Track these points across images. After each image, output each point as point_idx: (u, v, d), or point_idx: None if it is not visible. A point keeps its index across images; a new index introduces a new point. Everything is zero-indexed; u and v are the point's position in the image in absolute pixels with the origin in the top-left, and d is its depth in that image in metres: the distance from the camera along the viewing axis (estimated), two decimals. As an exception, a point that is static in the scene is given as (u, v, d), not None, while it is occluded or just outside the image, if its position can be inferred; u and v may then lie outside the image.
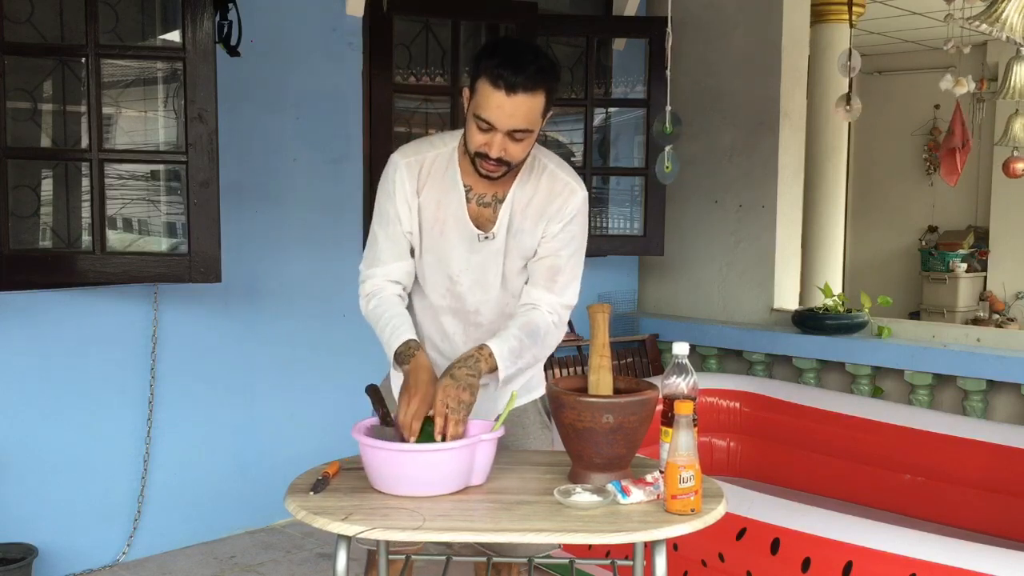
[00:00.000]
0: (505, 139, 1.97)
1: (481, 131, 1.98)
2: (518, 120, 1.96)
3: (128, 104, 3.81)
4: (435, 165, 2.13)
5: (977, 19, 2.66)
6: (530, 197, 2.13)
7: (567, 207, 2.14)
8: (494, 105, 1.94)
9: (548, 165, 2.17)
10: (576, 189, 2.16)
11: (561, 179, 2.16)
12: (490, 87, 1.94)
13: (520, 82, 1.92)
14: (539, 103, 1.98)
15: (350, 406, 3.76)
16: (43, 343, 3.45)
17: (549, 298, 2.14)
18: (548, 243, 2.14)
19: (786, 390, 4.31)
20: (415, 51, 4.59)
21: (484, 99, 1.95)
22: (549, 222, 2.13)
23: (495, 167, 2.01)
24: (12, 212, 3.32)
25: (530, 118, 1.97)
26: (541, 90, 1.96)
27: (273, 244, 4.00)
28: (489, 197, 2.13)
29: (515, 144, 1.99)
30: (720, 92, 5.12)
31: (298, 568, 3.66)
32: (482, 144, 1.99)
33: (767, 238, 5.02)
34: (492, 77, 1.93)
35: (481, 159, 2.01)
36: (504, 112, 1.94)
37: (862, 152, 9.59)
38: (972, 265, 8.90)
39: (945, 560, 2.37)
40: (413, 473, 1.82)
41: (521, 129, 1.97)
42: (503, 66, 1.92)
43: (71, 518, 3.53)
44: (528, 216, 2.13)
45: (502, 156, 1.99)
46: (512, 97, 1.93)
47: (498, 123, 1.95)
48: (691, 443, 1.74)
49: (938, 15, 5.89)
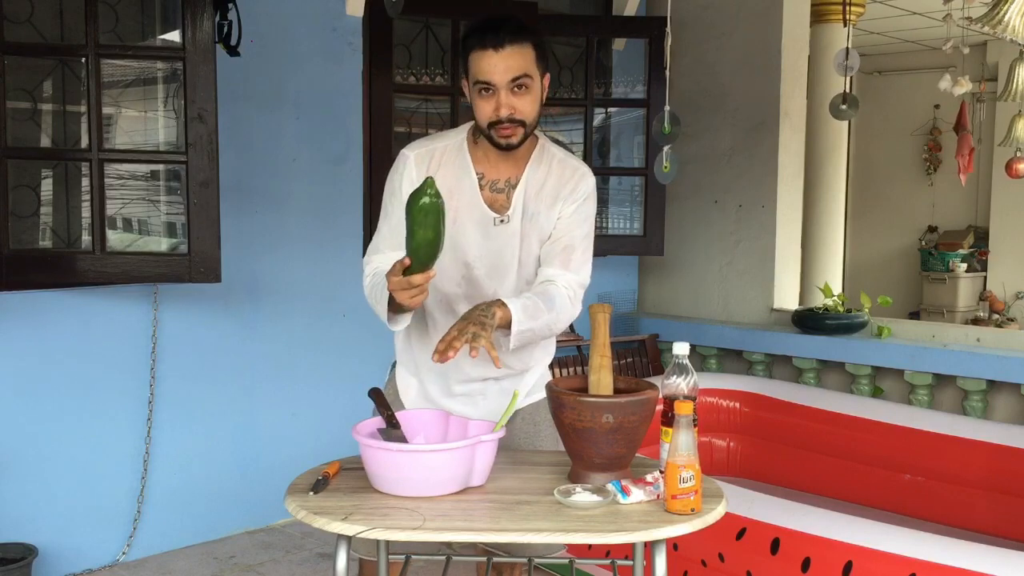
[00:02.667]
0: (509, 96, 2.02)
1: (484, 98, 2.04)
2: (513, 70, 2.02)
3: (128, 104, 3.81)
4: (446, 155, 2.15)
5: (979, 21, 2.67)
6: (543, 181, 2.16)
7: (579, 188, 2.18)
8: (487, 66, 2.02)
9: (557, 153, 2.22)
10: (585, 173, 2.21)
11: (571, 164, 2.21)
12: (479, 52, 2.03)
13: (503, 37, 2.01)
14: (529, 53, 2.04)
15: (350, 406, 3.77)
16: (43, 343, 3.45)
17: (565, 275, 2.16)
18: (562, 224, 2.18)
19: (786, 390, 4.31)
20: (415, 51, 4.59)
21: (477, 65, 2.03)
22: (564, 203, 2.17)
23: (510, 130, 2.05)
24: (12, 212, 3.32)
25: (524, 66, 2.03)
26: (527, 42, 2.04)
27: (273, 244, 4.00)
28: (502, 183, 2.15)
29: (520, 98, 2.04)
30: (720, 92, 5.12)
31: (298, 568, 3.66)
32: (490, 111, 2.04)
33: (767, 238, 5.02)
34: (479, 43, 2.03)
35: (495, 128, 2.05)
36: (498, 68, 2.01)
37: (862, 152, 9.59)
38: (972, 265, 8.90)
39: (945, 560, 2.37)
40: (413, 474, 1.82)
41: (519, 77, 2.02)
42: (483, 31, 2.03)
43: (71, 518, 3.53)
44: (543, 199, 2.16)
45: (512, 114, 2.03)
46: (500, 51, 2.01)
47: (496, 79, 2.02)
48: (691, 443, 1.74)
49: (938, 15, 5.89)
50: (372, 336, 4.32)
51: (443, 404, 2.23)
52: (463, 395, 2.24)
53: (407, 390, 2.30)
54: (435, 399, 2.25)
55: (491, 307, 1.99)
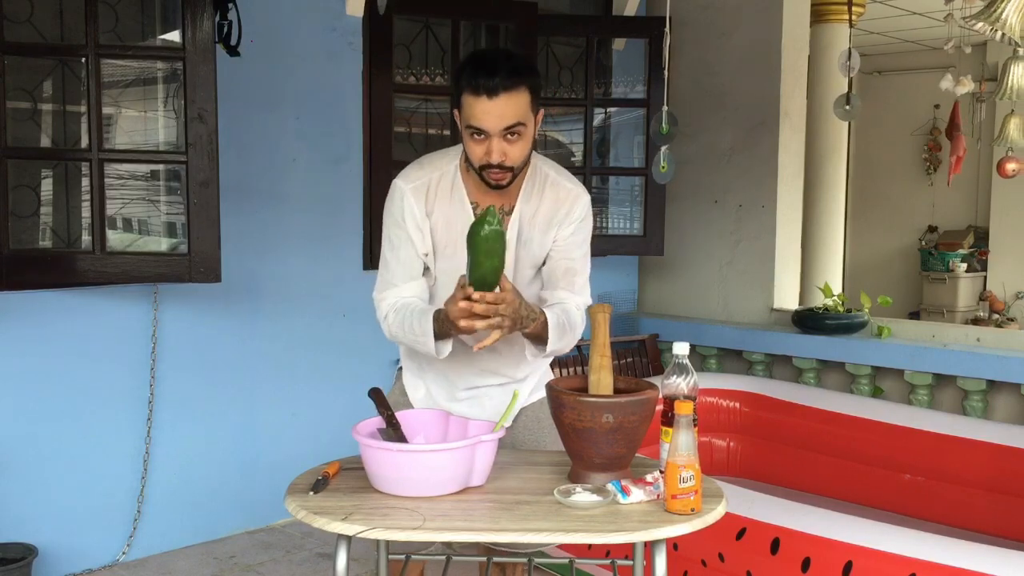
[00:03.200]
0: (501, 142, 2.01)
1: (476, 141, 2.02)
2: (507, 119, 1.99)
3: (128, 104, 3.81)
4: (440, 186, 2.15)
5: (975, 18, 2.66)
6: (536, 208, 2.17)
7: (574, 211, 2.19)
8: (480, 112, 1.99)
9: (549, 174, 2.21)
10: (580, 193, 2.21)
11: (564, 186, 2.20)
12: (472, 97, 1.99)
13: (497, 83, 1.97)
14: (523, 99, 2.02)
15: (350, 406, 3.76)
16: (43, 343, 3.45)
17: (574, 298, 2.19)
18: (560, 247, 2.20)
19: (786, 390, 4.31)
20: (415, 51, 4.59)
21: (470, 109, 2.00)
22: (559, 227, 2.18)
23: (501, 174, 2.04)
24: (12, 212, 3.32)
25: (518, 114, 2.01)
26: (522, 87, 2.01)
27: (273, 244, 4.00)
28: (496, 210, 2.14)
29: (512, 145, 2.02)
30: (720, 92, 5.12)
31: (298, 568, 3.66)
32: (482, 155, 2.03)
33: (767, 238, 5.01)
34: (472, 87, 1.99)
35: (486, 171, 2.04)
36: (491, 116, 1.99)
37: (862, 152, 9.59)
38: (972, 265, 8.90)
39: (945, 560, 2.37)
40: (413, 474, 1.82)
41: (512, 126, 2.00)
42: (477, 74, 1.98)
43: (71, 518, 3.53)
44: (536, 226, 2.17)
45: (503, 161, 2.02)
46: (494, 100, 1.98)
47: (489, 127, 1.99)
48: (691, 443, 1.74)
49: (938, 15, 5.89)
50: (372, 336, 4.30)
51: (449, 406, 2.26)
52: (468, 399, 2.27)
53: (415, 392, 2.33)
54: (441, 403, 2.28)
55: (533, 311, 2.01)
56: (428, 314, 2.04)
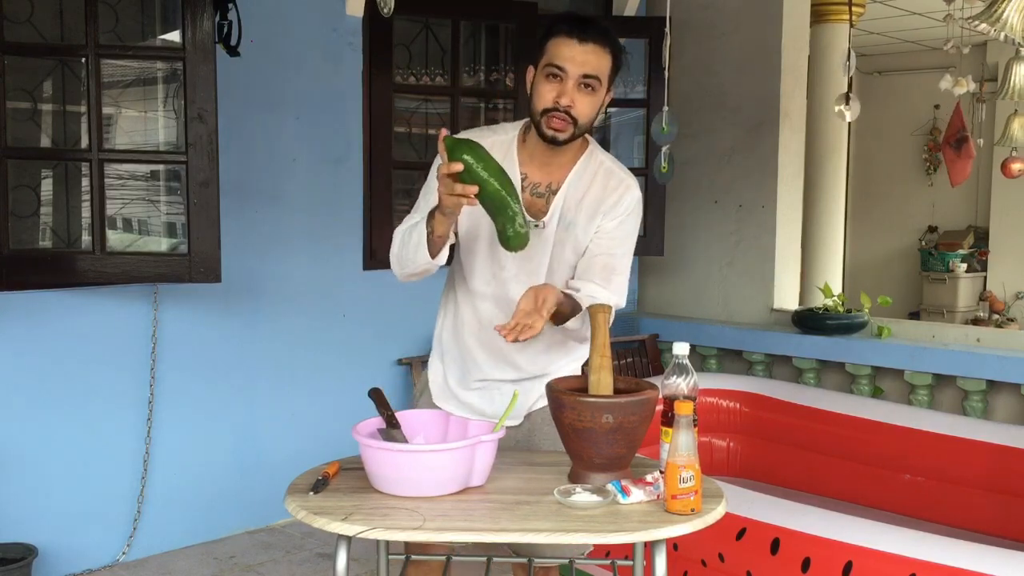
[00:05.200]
0: (575, 89, 2.02)
1: (551, 81, 2.03)
2: (589, 66, 2.02)
3: (128, 104, 3.81)
4: (493, 150, 2.12)
5: (976, 18, 2.66)
6: (585, 190, 2.15)
7: (622, 202, 2.16)
8: (567, 51, 2.02)
9: (604, 161, 2.19)
10: (631, 185, 2.18)
11: (617, 175, 2.18)
12: (564, 37, 2.02)
13: (592, 34, 2.02)
14: (606, 60, 2.05)
15: (350, 406, 3.76)
16: (43, 343, 3.45)
17: (608, 296, 2.14)
18: (602, 240, 2.16)
19: (786, 390, 4.31)
20: (415, 51, 4.59)
21: (556, 49, 2.03)
22: (604, 217, 2.15)
23: (563, 122, 2.04)
24: (12, 212, 3.32)
25: (600, 67, 2.04)
26: (608, 49, 2.05)
27: (273, 244, 4.00)
28: (543, 187, 2.15)
29: (584, 96, 2.03)
30: (720, 92, 5.12)
31: (298, 568, 3.66)
32: (551, 97, 2.03)
33: (767, 238, 5.01)
34: (565, 31, 2.02)
35: (549, 116, 2.04)
36: (576, 58, 2.01)
37: (862, 152, 9.59)
38: (972, 265, 8.90)
39: (945, 560, 2.37)
40: (413, 474, 1.82)
41: (592, 76, 2.02)
42: (575, 20, 2.04)
43: (71, 518, 3.53)
44: (583, 209, 2.14)
45: (570, 108, 2.02)
46: (584, 44, 2.01)
47: (571, 67, 2.01)
48: (691, 443, 1.74)
49: (938, 15, 5.89)
50: (372, 336, 4.34)
51: (460, 394, 2.26)
52: (479, 389, 2.26)
53: (435, 375, 2.33)
54: (454, 389, 2.28)
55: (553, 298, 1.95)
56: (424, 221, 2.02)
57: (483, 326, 2.21)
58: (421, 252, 2.03)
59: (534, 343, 2.18)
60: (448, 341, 2.29)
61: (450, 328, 2.29)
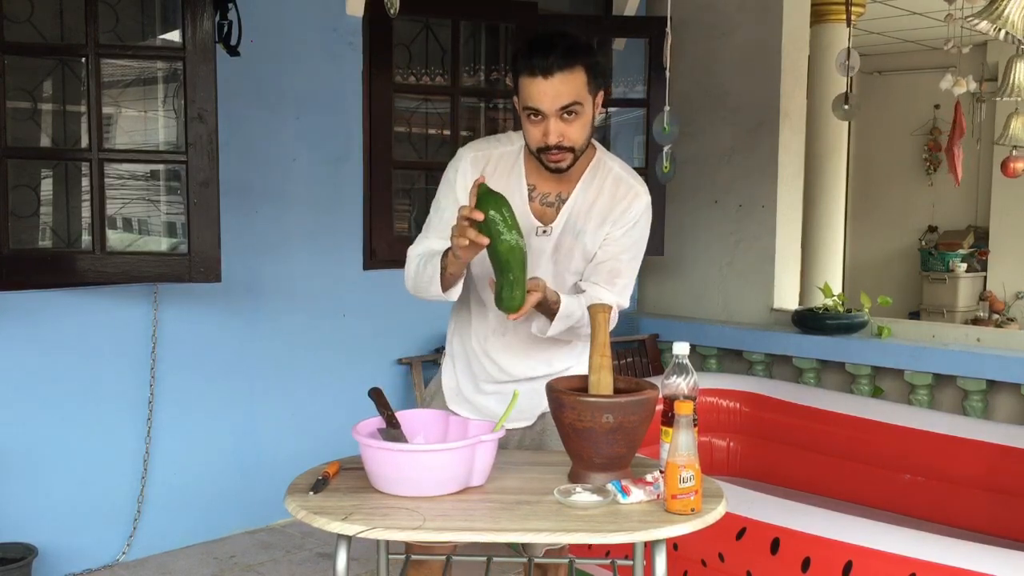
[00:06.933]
0: (557, 122, 2.01)
1: (534, 123, 2.03)
2: (563, 98, 2.00)
3: (128, 104, 3.81)
4: (501, 162, 2.15)
5: (977, 16, 2.65)
6: (593, 199, 2.15)
7: (630, 211, 2.16)
8: (536, 92, 2.00)
9: (613, 168, 2.19)
10: (640, 193, 2.18)
11: (626, 182, 2.18)
12: (528, 78, 2.00)
13: (552, 62, 1.98)
14: (579, 79, 2.01)
15: (350, 406, 3.77)
16: (43, 343, 3.45)
17: (610, 295, 2.16)
18: (609, 246, 2.17)
19: (786, 390, 4.31)
20: (415, 51, 4.59)
21: (526, 90, 2.02)
22: (613, 225, 2.16)
23: (559, 156, 2.04)
24: (12, 212, 3.32)
25: (574, 93, 2.00)
26: (577, 67, 2.00)
27: (273, 244, 4.00)
28: (553, 197, 2.16)
29: (569, 125, 2.02)
30: (720, 92, 5.12)
31: (298, 568, 3.66)
32: (539, 137, 2.03)
33: (767, 238, 5.01)
34: (527, 69, 2.00)
35: (544, 153, 2.05)
36: (547, 95, 1.99)
37: (862, 152, 9.59)
38: (972, 265, 8.90)
39: (945, 560, 2.37)
40: (413, 474, 1.82)
41: (568, 105, 2.00)
42: (532, 55, 2.00)
43: (71, 518, 3.53)
44: (591, 218, 2.15)
45: (561, 142, 2.02)
46: (549, 79, 1.98)
47: (544, 107, 2.00)
48: (691, 443, 1.74)
49: (938, 15, 5.90)
50: (372, 336, 4.33)
51: (475, 400, 2.27)
52: (494, 393, 2.27)
53: (448, 381, 2.34)
54: (468, 395, 2.30)
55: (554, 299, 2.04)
56: (439, 254, 2.05)
57: (490, 333, 2.23)
58: (434, 286, 2.07)
59: (535, 346, 2.19)
60: (457, 347, 2.31)
61: (459, 335, 2.31)
